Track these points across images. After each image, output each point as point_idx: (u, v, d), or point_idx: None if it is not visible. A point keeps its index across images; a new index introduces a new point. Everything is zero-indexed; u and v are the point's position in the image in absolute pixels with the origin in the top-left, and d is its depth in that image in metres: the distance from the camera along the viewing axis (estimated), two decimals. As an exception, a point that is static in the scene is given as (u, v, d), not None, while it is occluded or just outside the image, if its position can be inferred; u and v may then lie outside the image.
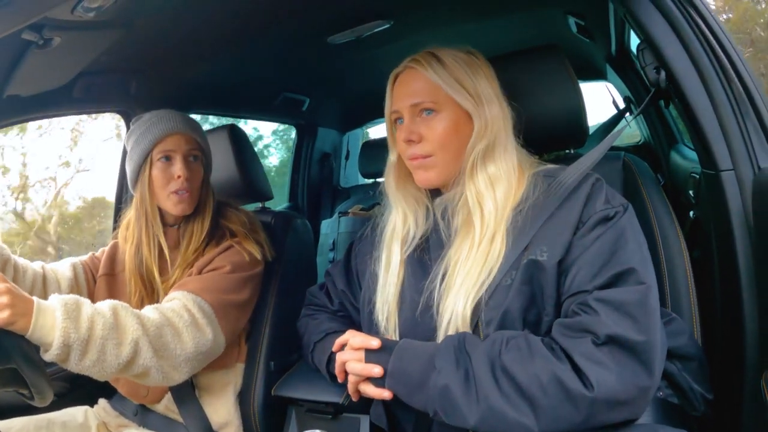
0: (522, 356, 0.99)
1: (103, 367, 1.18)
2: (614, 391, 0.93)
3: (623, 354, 0.95)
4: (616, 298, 0.98)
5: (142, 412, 1.63)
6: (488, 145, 1.18)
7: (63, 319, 1.11)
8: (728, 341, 1.26)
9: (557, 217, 1.09)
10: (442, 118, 1.19)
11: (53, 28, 1.29)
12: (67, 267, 1.65)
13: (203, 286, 1.44)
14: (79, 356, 1.14)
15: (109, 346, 1.18)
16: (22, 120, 1.71)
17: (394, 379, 1.10)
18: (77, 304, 1.17)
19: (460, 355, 1.04)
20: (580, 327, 0.98)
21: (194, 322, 1.36)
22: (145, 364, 1.24)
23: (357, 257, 1.43)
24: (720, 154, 1.22)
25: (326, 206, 3.77)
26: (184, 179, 1.53)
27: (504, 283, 1.09)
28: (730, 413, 1.23)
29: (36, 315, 1.08)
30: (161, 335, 1.28)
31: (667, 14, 1.23)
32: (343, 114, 3.64)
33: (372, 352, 1.15)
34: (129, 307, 1.27)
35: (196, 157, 1.58)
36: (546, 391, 0.95)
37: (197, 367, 1.39)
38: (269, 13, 1.75)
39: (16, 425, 1.50)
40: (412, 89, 1.21)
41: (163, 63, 1.90)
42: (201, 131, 1.62)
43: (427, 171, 1.21)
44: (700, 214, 1.59)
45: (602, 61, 2.80)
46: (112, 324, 1.19)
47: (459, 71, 1.20)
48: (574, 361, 0.96)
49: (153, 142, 1.55)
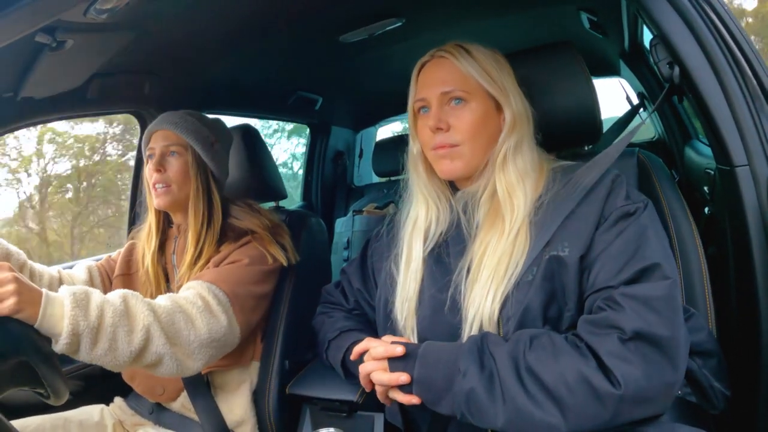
0: (546, 355, 0.99)
1: (115, 356, 1.17)
2: (641, 388, 0.93)
3: (649, 349, 0.94)
4: (643, 293, 0.98)
5: (157, 411, 1.64)
6: (518, 140, 1.18)
7: (72, 307, 1.10)
8: (744, 338, 1.25)
9: (578, 214, 1.08)
10: (472, 108, 1.19)
11: (66, 31, 1.30)
12: (82, 270, 1.67)
13: (219, 276, 1.44)
14: (89, 345, 1.13)
15: (120, 333, 1.17)
16: (36, 122, 1.72)
17: (421, 386, 1.09)
18: (86, 293, 1.16)
19: (483, 357, 1.03)
20: (607, 323, 0.98)
21: (208, 308, 1.36)
22: (158, 352, 1.23)
23: (373, 256, 1.43)
24: (735, 150, 1.21)
25: (340, 205, 3.77)
26: (154, 171, 1.56)
27: (525, 279, 1.08)
28: (746, 411, 1.22)
29: (44, 305, 1.07)
30: (173, 322, 1.27)
31: (681, 9, 1.22)
32: (357, 112, 3.64)
33: (395, 359, 1.13)
34: (140, 296, 1.26)
35: (174, 152, 1.59)
36: (573, 391, 0.95)
37: (213, 355, 1.37)
38: (281, 13, 1.75)
39: (32, 424, 1.51)
40: (442, 77, 1.21)
41: (176, 64, 1.91)
42: (189, 126, 1.61)
43: (453, 161, 1.20)
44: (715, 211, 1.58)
45: (615, 56, 2.78)
46: (122, 311, 1.18)
47: (487, 64, 1.20)
48: (601, 359, 0.96)
49: (144, 142, 1.63)
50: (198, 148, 1.60)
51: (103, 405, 1.71)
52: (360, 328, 1.37)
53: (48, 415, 1.55)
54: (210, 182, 1.63)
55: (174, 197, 1.58)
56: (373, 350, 1.17)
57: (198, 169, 1.60)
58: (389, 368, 1.14)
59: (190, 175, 1.59)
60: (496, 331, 1.09)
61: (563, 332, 1.06)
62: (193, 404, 1.55)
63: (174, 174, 1.58)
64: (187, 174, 1.59)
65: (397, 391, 1.14)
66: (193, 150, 1.59)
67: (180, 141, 1.59)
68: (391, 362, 1.13)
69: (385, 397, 1.18)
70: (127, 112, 2.12)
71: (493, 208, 1.17)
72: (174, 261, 1.64)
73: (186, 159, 1.59)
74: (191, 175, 1.59)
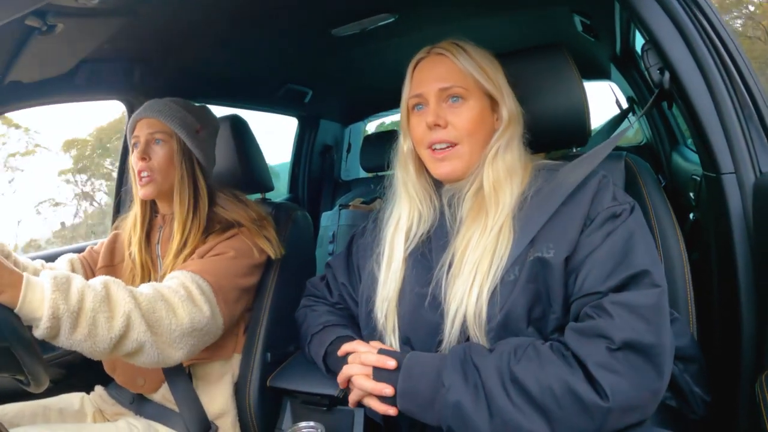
0: (532, 366, 0.99)
1: (95, 342, 1.15)
2: (628, 398, 0.93)
3: (637, 358, 0.94)
4: (632, 301, 0.98)
5: (138, 401, 1.63)
6: (510, 138, 1.19)
7: (52, 291, 1.09)
8: (725, 344, 1.27)
9: (563, 214, 1.08)
10: (470, 106, 1.19)
11: (57, 15, 1.29)
12: (64, 263, 1.66)
13: (204, 267, 1.43)
14: (69, 329, 1.11)
15: (101, 319, 1.15)
16: (23, 106, 1.70)
17: (405, 399, 1.08)
18: (67, 278, 1.14)
19: (467, 368, 1.03)
20: (595, 331, 0.98)
21: (190, 297, 1.34)
22: (139, 339, 1.22)
23: (358, 251, 1.43)
24: (722, 157, 1.22)
25: (326, 198, 3.78)
26: (138, 159, 1.55)
27: (507, 278, 1.08)
28: (726, 416, 1.23)
29: (25, 288, 1.06)
30: (154, 310, 1.26)
31: (673, 15, 1.23)
32: (346, 107, 3.64)
33: (382, 370, 1.13)
34: (121, 283, 1.25)
35: (159, 140, 1.58)
36: (560, 403, 0.95)
37: (194, 345, 1.36)
38: (274, 4, 1.74)
39: (11, 411, 1.49)
40: (440, 74, 1.21)
41: (166, 52, 1.90)
42: (174, 113, 1.59)
43: (452, 162, 1.21)
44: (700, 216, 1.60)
45: (607, 60, 2.80)
46: (103, 297, 1.17)
47: (484, 63, 1.21)
48: (588, 370, 0.95)
49: (129, 131, 1.61)
50: (183, 135, 1.58)
51: (83, 393, 1.70)
52: (343, 323, 1.37)
53: (27, 402, 1.53)
54: (195, 170, 1.61)
55: (158, 186, 1.57)
56: (363, 356, 1.17)
57: (183, 156, 1.59)
58: (373, 376, 1.14)
59: (174, 163, 1.58)
60: (479, 328, 1.09)
61: (548, 334, 1.07)
62: (174, 395, 1.54)
63: (159, 162, 1.56)
64: (172, 162, 1.58)
65: (373, 399, 1.14)
66: (178, 137, 1.58)
67: (165, 128, 1.58)
68: (376, 371, 1.14)
69: (357, 401, 1.19)
70: (116, 99, 2.10)
71: (477, 203, 1.18)
72: (159, 251, 1.63)
73: (171, 146, 1.58)
74: (176, 163, 1.58)
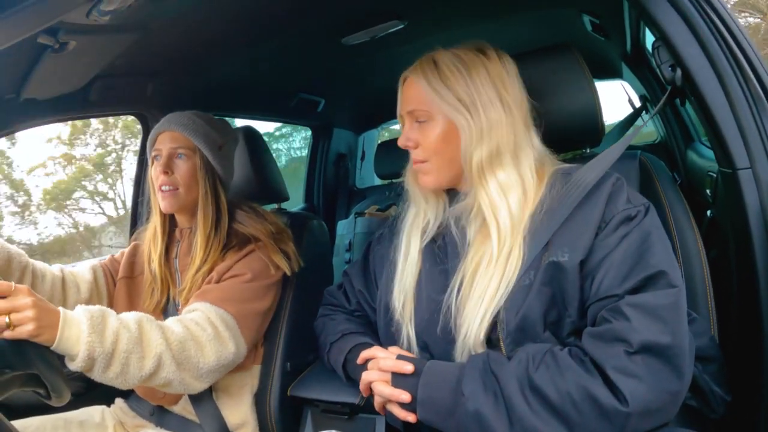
0: (551, 373, 0.99)
1: (125, 379, 1.21)
2: (647, 402, 0.93)
3: (656, 361, 0.94)
4: (650, 303, 0.97)
5: (158, 413, 1.64)
6: (492, 152, 1.14)
7: (89, 333, 1.13)
8: (745, 342, 1.25)
9: (578, 217, 1.07)
10: (434, 126, 1.19)
11: (69, 32, 1.30)
12: (87, 270, 1.65)
13: (224, 296, 1.44)
14: (102, 369, 1.16)
15: (133, 359, 1.20)
16: (39, 123, 1.72)
17: (425, 408, 1.08)
18: (103, 316, 1.18)
19: (486, 377, 1.03)
20: (612, 335, 0.97)
21: (217, 335, 1.37)
22: (168, 377, 1.26)
23: (375, 259, 1.43)
24: (737, 153, 1.20)
25: (342, 207, 3.78)
26: (160, 173, 1.54)
27: (522, 283, 1.07)
28: (747, 415, 1.22)
29: (62, 327, 1.09)
30: (184, 349, 1.29)
31: (683, 12, 1.22)
32: (359, 115, 3.65)
33: (400, 376, 1.14)
34: (154, 320, 1.28)
35: (182, 154, 1.57)
36: (580, 409, 0.95)
37: (219, 377, 1.41)
38: (283, 15, 1.75)
39: (33, 424, 1.51)
40: (409, 97, 1.22)
41: (179, 65, 1.92)
42: (198, 128, 1.59)
43: (426, 175, 1.23)
44: (717, 214, 1.58)
45: (617, 59, 2.78)
46: (137, 338, 1.21)
47: (453, 78, 1.17)
48: (607, 375, 0.95)
49: (150, 143, 1.61)
50: (206, 151, 1.58)
51: (104, 406, 1.71)
52: (362, 330, 1.38)
53: (49, 415, 1.55)
54: (217, 186, 1.61)
55: (181, 201, 1.57)
56: (382, 361, 1.18)
57: (206, 172, 1.58)
58: (392, 382, 1.14)
59: (197, 179, 1.57)
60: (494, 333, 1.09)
61: (564, 338, 1.06)
62: (194, 407, 1.55)
63: (181, 177, 1.56)
64: (195, 177, 1.57)
65: (394, 405, 1.14)
66: (201, 153, 1.58)
67: (188, 143, 1.57)
68: (395, 378, 1.14)
69: (382, 407, 1.19)
70: (130, 114, 2.12)
71: (484, 226, 1.16)
72: (177, 265, 1.64)
73: (194, 162, 1.57)
74: (199, 179, 1.57)
